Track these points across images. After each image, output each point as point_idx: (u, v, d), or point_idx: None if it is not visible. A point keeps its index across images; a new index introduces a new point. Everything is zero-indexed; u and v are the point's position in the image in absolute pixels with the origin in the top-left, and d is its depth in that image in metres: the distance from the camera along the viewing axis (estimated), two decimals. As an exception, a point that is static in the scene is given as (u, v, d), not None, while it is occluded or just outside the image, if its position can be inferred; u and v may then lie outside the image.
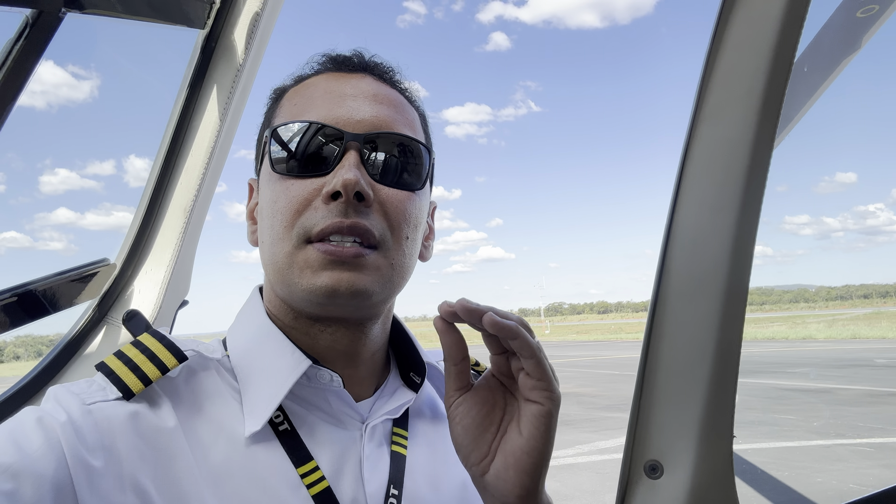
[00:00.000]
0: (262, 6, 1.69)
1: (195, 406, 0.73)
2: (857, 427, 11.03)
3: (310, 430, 0.76)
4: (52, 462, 0.60)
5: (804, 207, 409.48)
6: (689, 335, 1.18)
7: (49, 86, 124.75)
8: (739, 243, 1.19)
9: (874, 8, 1.96)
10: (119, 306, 1.72)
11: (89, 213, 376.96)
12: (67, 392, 0.68)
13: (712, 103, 1.26)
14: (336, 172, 0.73)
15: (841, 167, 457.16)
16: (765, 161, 1.23)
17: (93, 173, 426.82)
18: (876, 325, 49.36)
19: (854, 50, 2.09)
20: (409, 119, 0.83)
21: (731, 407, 1.15)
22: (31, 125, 18.68)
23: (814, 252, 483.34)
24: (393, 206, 0.77)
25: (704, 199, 1.22)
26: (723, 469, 1.11)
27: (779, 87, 1.25)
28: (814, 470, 8.39)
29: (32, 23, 1.23)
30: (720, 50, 1.27)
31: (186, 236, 1.78)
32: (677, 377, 1.17)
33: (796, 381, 17.67)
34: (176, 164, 1.76)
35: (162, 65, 1.94)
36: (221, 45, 1.71)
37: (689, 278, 1.20)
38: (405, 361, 0.90)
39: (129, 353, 0.73)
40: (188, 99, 1.73)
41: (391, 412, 0.82)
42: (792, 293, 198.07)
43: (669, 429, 1.16)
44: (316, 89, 0.81)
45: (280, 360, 0.76)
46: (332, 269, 0.73)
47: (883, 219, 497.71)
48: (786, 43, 1.25)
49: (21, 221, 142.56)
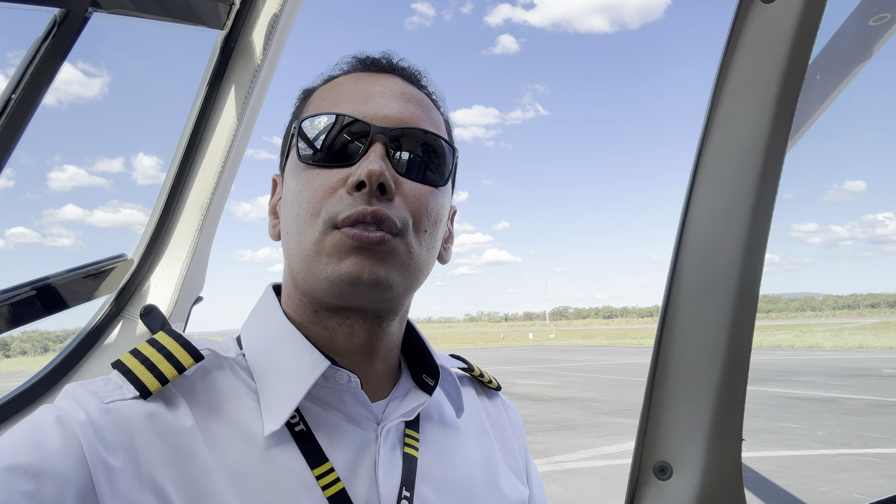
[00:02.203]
0: (281, 8, 1.71)
1: (212, 406, 0.73)
2: (862, 437, 10.96)
3: (326, 430, 0.76)
4: (72, 462, 0.60)
5: (812, 215, 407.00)
6: (700, 338, 1.19)
7: (73, 84, 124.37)
8: (751, 248, 1.20)
9: (886, 16, 1.96)
10: (136, 301, 1.75)
11: (102, 210, 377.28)
12: (85, 390, 0.68)
13: (726, 109, 1.27)
14: (361, 163, 0.75)
15: (850, 175, 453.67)
16: (777, 168, 1.25)
17: (105, 171, 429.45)
18: (883, 335, 48.98)
19: (866, 58, 2.10)
20: (434, 119, 0.85)
21: (741, 409, 1.16)
22: (56, 123, 18.90)
23: (821, 260, 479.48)
24: (415, 199, 0.78)
25: (716, 205, 1.23)
26: (731, 471, 1.12)
27: (792, 95, 1.26)
28: (818, 479, 8.34)
29: (60, 22, 1.26)
30: (734, 56, 1.29)
31: (202, 234, 1.80)
32: (687, 379, 1.18)
33: (802, 389, 17.57)
34: (193, 163, 1.78)
35: (181, 64, 1.97)
36: (240, 46, 1.74)
37: (700, 282, 1.21)
38: (417, 364, 0.91)
39: (145, 352, 0.73)
40: (206, 98, 1.75)
41: (406, 414, 0.82)
42: (799, 301, 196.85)
43: (679, 430, 1.17)
44: (344, 87, 0.83)
45: (298, 360, 0.76)
46: (356, 255, 0.74)
47: (891, 228, 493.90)
48: (800, 50, 1.26)
49: (33, 218, 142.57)
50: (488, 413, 0.99)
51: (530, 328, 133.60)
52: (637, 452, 1.18)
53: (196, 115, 1.75)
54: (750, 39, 1.28)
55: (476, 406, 0.98)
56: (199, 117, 1.75)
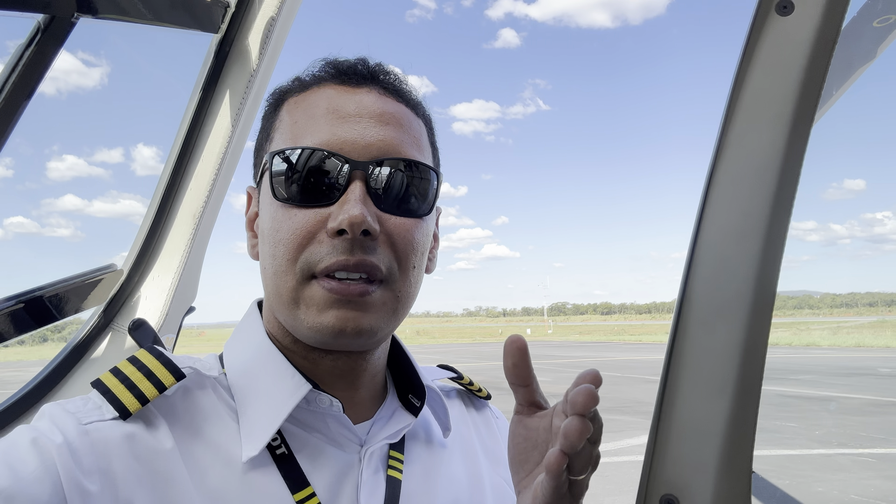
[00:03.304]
0: (278, 11, 1.66)
1: (192, 427, 0.71)
2: (859, 437, 10.99)
3: (307, 453, 0.75)
4: (47, 486, 0.58)
5: (811, 213, 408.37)
6: (710, 365, 1.16)
7: (63, 87, 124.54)
8: (763, 272, 1.16)
9: (891, 18, 1.94)
10: (125, 313, 1.71)
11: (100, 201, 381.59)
12: (63, 411, 0.67)
13: (740, 125, 1.23)
14: (342, 207, 0.71)
15: (849, 174, 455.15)
16: (792, 186, 1.20)
17: (98, 162, 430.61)
18: (881, 334, 49.20)
19: (870, 59, 2.08)
20: (415, 138, 0.80)
21: (751, 442, 1.12)
22: (43, 126, 18.64)
23: (819, 258, 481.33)
24: (400, 237, 0.75)
25: (729, 226, 1.19)
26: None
27: (809, 111, 1.22)
28: (814, 479, 8.37)
29: (45, 27, 1.21)
30: (749, 70, 1.24)
31: (195, 243, 1.76)
32: (696, 409, 1.15)
33: (799, 388, 17.62)
34: (186, 169, 1.74)
35: (175, 68, 1.91)
36: (235, 50, 1.69)
37: (711, 306, 1.17)
38: (403, 382, 0.89)
39: (125, 371, 0.71)
40: (201, 103, 1.71)
41: (390, 437, 0.81)
42: (797, 299, 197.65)
43: (687, 462, 1.14)
44: (318, 106, 0.77)
45: (279, 382, 0.75)
46: (337, 307, 0.72)
47: (890, 227, 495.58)
48: (817, 64, 1.22)
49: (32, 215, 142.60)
50: (476, 425, 0.98)
51: (528, 323, 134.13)
52: (643, 485, 1.14)
53: (189, 121, 1.70)
54: (765, 53, 1.24)
55: (464, 420, 0.97)
56: (193, 123, 1.70)
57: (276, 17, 1.67)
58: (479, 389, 1.03)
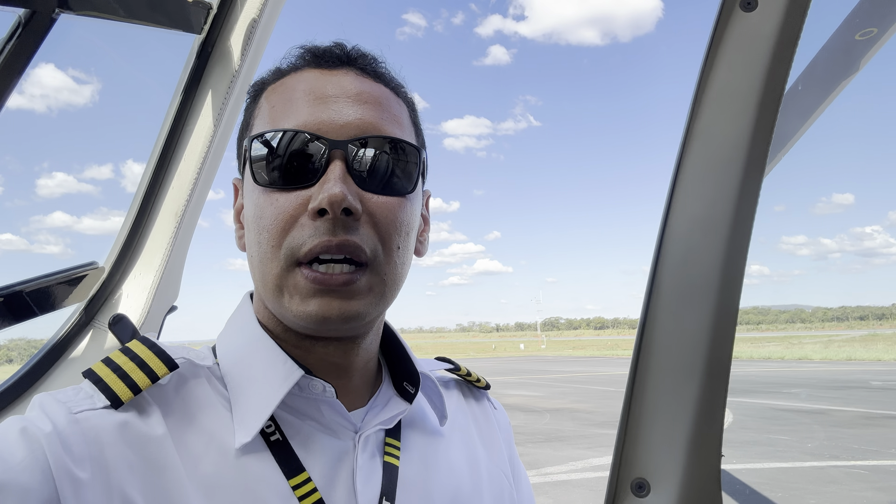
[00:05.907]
0: (260, 13, 1.69)
1: (185, 415, 0.71)
2: (851, 449, 10.98)
3: (302, 440, 0.74)
4: (37, 474, 0.58)
5: (801, 228, 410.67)
6: (679, 352, 1.17)
7: (46, 88, 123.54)
8: (730, 259, 1.18)
9: (873, 31, 1.97)
10: (106, 310, 1.71)
11: (83, 217, 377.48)
12: (54, 400, 0.66)
13: (706, 117, 1.26)
14: (321, 186, 0.71)
15: (838, 188, 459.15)
16: (757, 177, 1.23)
17: (88, 177, 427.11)
18: (871, 347, 49.35)
19: (853, 72, 2.11)
20: (395, 116, 0.80)
21: (720, 424, 1.14)
22: (25, 127, 18.62)
23: (811, 272, 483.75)
24: (383, 216, 0.74)
25: (696, 214, 1.22)
26: (710, 487, 1.10)
27: (773, 104, 1.25)
28: (807, 491, 8.34)
29: (25, 23, 1.23)
30: (714, 64, 1.27)
31: (177, 241, 1.76)
32: (666, 394, 1.16)
33: (791, 401, 17.62)
34: (168, 169, 1.75)
35: (157, 68, 1.93)
36: (217, 51, 1.71)
37: (679, 293, 1.19)
38: (398, 370, 0.88)
39: (117, 361, 0.71)
40: (182, 104, 1.72)
41: (385, 422, 0.80)
42: (788, 313, 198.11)
43: (657, 446, 1.15)
44: (295, 90, 0.77)
45: (272, 369, 0.75)
46: (321, 296, 0.71)
47: (879, 241, 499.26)
48: (781, 59, 1.25)
49: (15, 224, 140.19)
50: (474, 415, 0.97)
51: (521, 339, 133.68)
52: (614, 469, 1.15)
53: (171, 120, 1.72)
54: (730, 48, 1.27)
55: (462, 410, 0.96)
56: (175, 123, 1.72)
57: (258, 19, 1.70)
58: (478, 380, 1.02)
